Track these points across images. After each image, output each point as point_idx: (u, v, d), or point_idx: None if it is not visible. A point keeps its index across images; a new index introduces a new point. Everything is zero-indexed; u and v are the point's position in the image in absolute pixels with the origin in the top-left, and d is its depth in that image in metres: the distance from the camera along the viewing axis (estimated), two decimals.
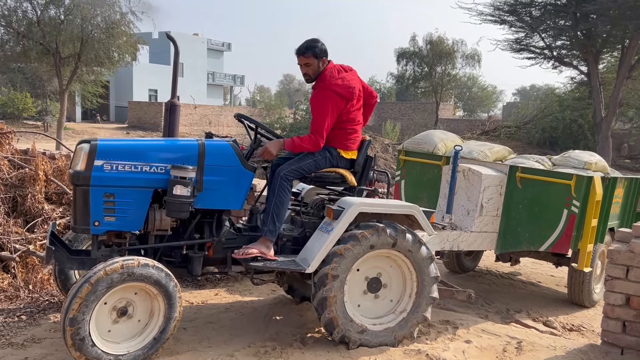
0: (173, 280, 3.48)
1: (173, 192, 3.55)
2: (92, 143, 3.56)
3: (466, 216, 5.41)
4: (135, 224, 3.69)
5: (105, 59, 22.82)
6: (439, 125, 31.51)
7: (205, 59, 55.62)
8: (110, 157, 3.56)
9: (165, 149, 3.81)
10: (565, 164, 5.68)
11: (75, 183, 3.55)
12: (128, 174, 3.59)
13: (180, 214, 3.63)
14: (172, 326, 3.50)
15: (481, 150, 5.96)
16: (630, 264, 3.98)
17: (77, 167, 3.54)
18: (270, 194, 4.06)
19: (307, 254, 3.92)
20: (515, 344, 4.29)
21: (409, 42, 34.08)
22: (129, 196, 3.60)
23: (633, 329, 4.01)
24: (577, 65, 20.74)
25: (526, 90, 72.42)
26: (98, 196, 3.52)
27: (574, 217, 5.04)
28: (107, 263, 3.30)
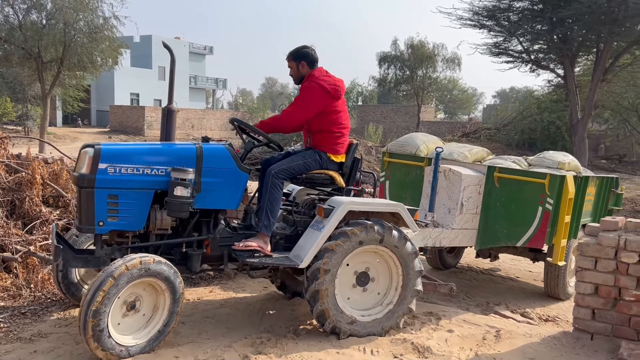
0: (179, 277, 3.71)
1: (174, 193, 3.75)
2: (96, 147, 3.73)
3: (447, 214, 5.68)
4: (137, 223, 3.86)
5: (89, 64, 22.81)
6: (420, 127, 31.93)
7: (187, 62, 55.58)
8: (114, 160, 3.73)
9: (165, 152, 3.98)
10: (540, 164, 5.94)
11: (80, 185, 3.71)
12: (130, 176, 3.77)
13: (180, 213, 3.83)
14: (175, 320, 3.73)
15: (461, 151, 6.23)
16: (598, 255, 4.29)
17: (82, 170, 3.71)
18: (263, 191, 4.28)
19: (300, 251, 4.16)
20: (494, 332, 4.58)
21: (390, 46, 34.54)
22: (131, 197, 3.78)
23: (601, 316, 4.33)
24: (553, 69, 21.26)
25: (506, 93, 73.39)
26: (102, 198, 3.70)
27: (548, 214, 5.32)
28: (126, 259, 3.50)
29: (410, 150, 6.33)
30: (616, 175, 7.28)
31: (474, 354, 4.15)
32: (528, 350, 4.24)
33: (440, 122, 41.53)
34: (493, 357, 4.10)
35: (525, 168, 5.98)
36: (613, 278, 4.25)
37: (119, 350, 3.48)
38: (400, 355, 4.08)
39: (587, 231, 4.56)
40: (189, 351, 3.79)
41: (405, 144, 6.49)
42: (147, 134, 38.53)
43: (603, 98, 21.94)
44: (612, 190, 6.74)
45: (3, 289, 4.63)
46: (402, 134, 28.68)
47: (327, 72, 4.56)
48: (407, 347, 4.20)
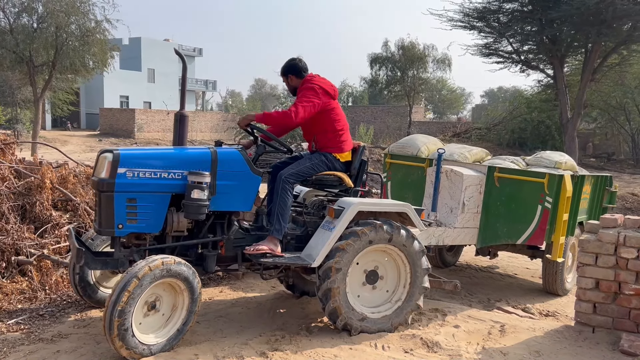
0: (197, 277, 3.84)
1: (191, 195, 3.88)
2: (114, 152, 3.85)
3: (450, 213, 5.83)
4: (155, 226, 3.98)
5: (81, 67, 22.79)
6: (412, 128, 32.15)
7: (177, 64, 55.43)
8: (132, 164, 3.84)
9: (181, 156, 4.10)
10: (538, 164, 6.10)
11: (100, 189, 3.81)
12: (149, 180, 3.89)
13: (197, 215, 3.95)
14: (193, 319, 3.85)
15: (461, 152, 6.38)
16: (598, 251, 4.47)
17: (102, 174, 3.82)
18: (274, 196, 4.40)
19: (312, 250, 4.29)
20: (499, 327, 4.74)
21: (381, 47, 34.75)
22: (149, 200, 3.90)
23: (602, 309, 4.50)
24: (543, 69, 21.56)
25: (494, 92, 73.93)
26: (121, 201, 3.80)
27: (548, 212, 5.48)
28: (149, 260, 3.62)
29: (412, 152, 6.49)
30: (610, 174, 7.43)
31: (481, 348, 4.30)
32: (532, 343, 4.40)
33: (430, 122, 41.82)
34: (500, 350, 4.25)
35: (523, 168, 6.11)
36: (613, 273, 4.42)
37: (142, 348, 3.60)
38: (410, 350, 4.23)
39: (588, 228, 4.73)
40: (208, 349, 3.91)
41: (407, 145, 6.65)
42: (137, 136, 38.43)
43: (592, 97, 22.29)
44: (606, 189, 6.90)
45: (20, 292, 4.72)
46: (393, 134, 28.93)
47: (319, 76, 4.73)
48: (417, 343, 4.35)
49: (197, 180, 3.91)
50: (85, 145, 31.97)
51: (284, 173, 4.40)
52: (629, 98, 23.37)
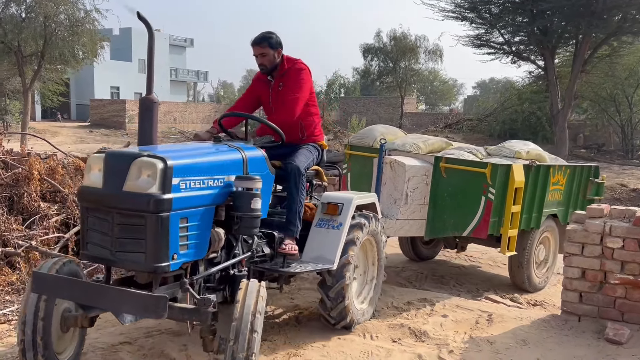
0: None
1: (251, 206, 3.24)
2: (161, 156, 2.94)
3: (393, 205, 5.58)
4: (202, 249, 3.21)
5: (70, 57, 22.61)
6: (404, 119, 32.20)
7: (168, 55, 55.11)
8: (184, 173, 3.03)
9: (218, 157, 3.42)
10: (498, 154, 5.94)
11: (150, 210, 2.86)
12: (198, 190, 3.14)
13: (255, 230, 3.38)
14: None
15: (414, 142, 6.10)
16: (585, 241, 4.51)
17: (151, 188, 2.88)
18: (293, 191, 3.94)
19: (321, 252, 4.04)
20: (487, 316, 4.78)
21: (374, 38, 34.71)
22: (199, 217, 3.14)
23: (588, 299, 4.55)
24: (534, 60, 21.62)
25: (486, 84, 74.08)
26: (176, 223, 2.95)
27: (491, 203, 5.29)
28: (252, 287, 2.97)
29: (368, 142, 6.24)
30: (595, 164, 7.32)
31: (469, 337, 4.34)
32: (519, 332, 4.45)
33: (422, 114, 41.91)
34: (487, 339, 4.29)
35: (482, 157, 5.91)
36: (599, 262, 4.47)
37: None
38: (398, 339, 4.27)
39: (575, 218, 4.77)
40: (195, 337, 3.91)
41: (365, 136, 6.44)
42: (128, 127, 38.22)
43: (582, 89, 22.37)
44: (590, 180, 6.74)
45: (8, 283, 4.70)
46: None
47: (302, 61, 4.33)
48: (405, 332, 4.39)
49: (249, 186, 3.29)
50: (75, 137, 31.80)
51: (298, 165, 3.95)
52: (619, 89, 23.50)
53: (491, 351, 4.08)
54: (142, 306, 2.84)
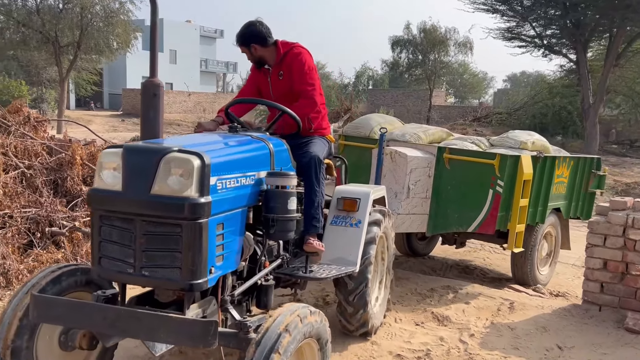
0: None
1: (287, 207, 2.89)
2: (194, 151, 2.47)
3: (394, 199, 5.27)
4: (237, 259, 2.80)
5: (105, 48, 23.22)
6: (432, 112, 32.07)
7: (198, 46, 55.72)
8: (221, 171, 2.59)
9: (247, 151, 2.99)
10: (502, 144, 5.66)
11: (184, 216, 2.40)
12: (234, 190, 2.71)
13: (291, 234, 3.02)
14: None
15: (414, 132, 5.83)
16: (607, 233, 4.61)
17: (188, 191, 2.41)
18: (313, 183, 3.50)
19: (342, 252, 3.70)
20: (508, 304, 4.92)
21: (403, 30, 34.53)
22: (235, 222, 2.72)
23: (609, 289, 4.65)
24: (566, 54, 21.36)
25: (517, 77, 72.97)
26: (213, 230, 2.52)
27: (499, 197, 5.01)
28: (288, 313, 2.51)
29: (364, 132, 5.95)
30: (597, 156, 7.06)
31: (490, 323, 4.49)
32: (540, 320, 4.57)
33: (451, 107, 41.59)
34: (508, 325, 4.43)
35: (485, 148, 5.64)
36: (621, 254, 4.56)
37: None
38: (421, 323, 4.44)
39: (598, 211, 4.86)
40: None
41: (360, 125, 6.13)
42: None
43: (615, 83, 22.01)
44: (592, 172, 6.50)
45: (54, 261, 5.01)
46: (413, 118, 28.91)
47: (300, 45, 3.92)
48: (428, 316, 4.56)
49: (284, 184, 2.93)
50: (108, 125, 32.52)
51: (315, 154, 3.56)
52: None
53: (511, 336, 4.23)
54: (187, 334, 2.36)
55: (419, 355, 3.81)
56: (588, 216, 6.48)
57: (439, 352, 3.88)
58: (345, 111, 20.11)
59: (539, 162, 5.39)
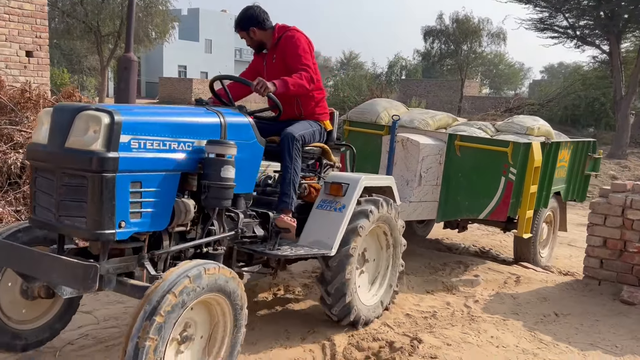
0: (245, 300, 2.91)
1: (220, 174, 2.94)
2: (109, 110, 2.60)
3: (405, 186, 5.30)
4: (163, 220, 2.87)
5: (144, 37, 24.03)
6: (463, 102, 32.08)
7: (233, 35, 56.22)
8: (137, 130, 2.69)
9: (190, 120, 3.05)
10: (508, 130, 5.72)
11: (92, 169, 2.54)
12: (157, 152, 2.79)
13: (225, 202, 3.02)
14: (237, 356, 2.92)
15: (422, 118, 5.83)
16: (607, 213, 4.96)
17: (94, 145, 2.55)
18: (287, 160, 3.60)
19: (320, 235, 3.61)
20: (515, 278, 5.32)
21: (435, 20, 34.53)
22: (158, 183, 2.80)
23: (608, 265, 5.01)
24: (599, 45, 21.19)
25: (554, 68, 71.75)
26: (125, 186, 2.63)
27: (512, 184, 5.09)
28: (186, 268, 2.57)
29: (371, 118, 5.93)
30: (594, 139, 7.16)
31: (495, 293, 4.91)
32: (542, 292, 4.97)
33: (484, 97, 41.33)
34: (511, 295, 4.85)
35: (492, 134, 5.72)
36: (619, 232, 4.92)
37: None
38: (432, 291, 4.90)
39: (601, 193, 5.20)
40: None
41: (365, 111, 6.09)
42: None
43: None
44: (589, 155, 6.61)
45: None
46: (444, 108, 28.99)
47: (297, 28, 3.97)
48: (438, 286, 5.01)
49: (222, 152, 2.98)
50: None
51: (293, 132, 3.62)
52: None
53: (513, 304, 4.64)
54: (70, 275, 2.55)
55: (425, 315, 4.27)
56: (583, 198, 6.74)
57: (444, 313, 4.34)
58: None
59: (547, 148, 5.52)
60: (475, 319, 4.22)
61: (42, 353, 3.24)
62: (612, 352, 3.76)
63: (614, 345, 3.88)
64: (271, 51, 3.91)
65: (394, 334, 3.83)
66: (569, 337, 3.96)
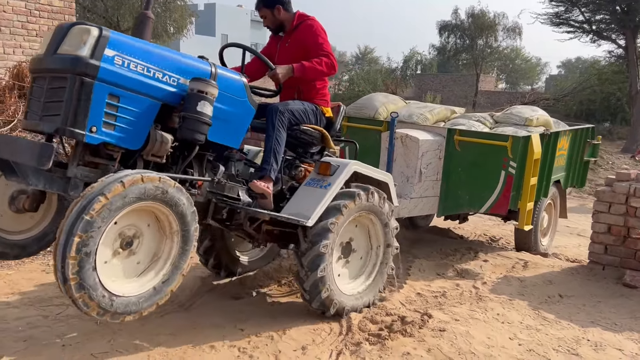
0: (196, 222, 3.00)
1: (196, 108, 3.07)
2: (99, 27, 2.88)
3: (406, 183, 5.32)
4: (136, 140, 3.04)
5: (163, 32, 24.43)
6: (479, 97, 32.12)
7: (249, 30, 56.87)
8: (123, 50, 2.93)
9: (179, 58, 3.24)
10: (506, 121, 5.73)
11: (74, 71, 2.81)
12: (140, 75, 3.00)
13: (198, 135, 3.12)
14: (177, 279, 2.97)
15: (421, 113, 5.80)
16: (612, 201, 5.19)
17: (79, 51, 2.81)
18: (269, 130, 3.70)
19: (300, 208, 3.62)
20: (523, 263, 5.56)
21: (451, 15, 34.63)
22: (136, 104, 3.00)
23: (612, 250, 5.24)
24: (615, 39, 21.19)
25: (571, 63, 71.15)
26: (102, 95, 2.87)
27: (512, 178, 5.12)
28: (127, 173, 2.71)
29: (369, 113, 5.92)
30: (592, 125, 7.18)
31: (503, 276, 5.16)
32: (548, 276, 5.21)
33: (500, 92, 41.26)
34: (518, 278, 5.10)
35: (491, 126, 5.72)
36: (623, 219, 5.14)
37: (101, 296, 2.65)
38: (442, 273, 5.16)
39: (606, 182, 5.42)
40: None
41: (364, 106, 6.07)
42: None
43: None
44: (587, 141, 6.63)
45: None
46: (459, 103, 29.08)
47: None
48: (448, 269, 5.28)
49: (203, 90, 3.11)
50: None
51: (277, 105, 3.74)
52: None
53: (519, 286, 4.89)
54: (29, 152, 2.82)
55: (436, 295, 4.54)
56: (582, 184, 6.85)
57: (453, 293, 4.60)
58: None
59: (546, 139, 5.54)
60: (483, 299, 4.48)
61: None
62: (611, 329, 4.00)
63: (614, 323, 4.12)
64: (287, 36, 4.06)
65: (406, 310, 4.12)
66: (571, 316, 4.21)
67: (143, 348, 3.34)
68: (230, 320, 3.81)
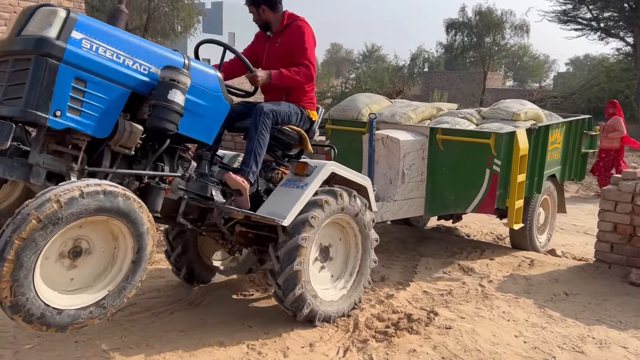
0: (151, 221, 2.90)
1: (167, 96, 2.95)
2: (67, 9, 2.80)
3: (389, 185, 5.21)
4: (102, 128, 2.91)
5: (170, 31, 24.58)
6: (486, 94, 32.06)
7: (256, 30, 56.83)
8: (92, 33, 2.83)
9: (152, 47, 3.17)
10: (493, 117, 5.58)
11: (39, 52, 2.69)
12: (109, 61, 2.89)
13: (168, 124, 2.98)
14: (136, 282, 2.87)
15: (404, 112, 5.61)
16: (618, 200, 5.21)
17: (44, 32, 2.71)
18: (252, 131, 3.62)
19: (276, 207, 3.54)
20: (529, 261, 5.59)
21: (458, 13, 34.62)
22: (104, 90, 2.88)
23: (618, 249, 5.26)
24: (623, 37, 21.12)
25: (580, 60, 70.82)
26: (67, 78, 2.75)
27: (497, 176, 4.99)
28: (85, 181, 2.64)
29: (352, 115, 5.76)
30: (589, 116, 6.97)
31: (509, 274, 5.19)
32: (555, 274, 5.23)
33: (507, 90, 41.15)
34: (524, 276, 5.13)
35: (478, 122, 5.59)
36: (629, 218, 5.16)
37: (41, 310, 2.54)
38: (448, 272, 5.20)
39: (613, 181, 5.43)
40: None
41: (347, 108, 5.90)
42: None
43: None
44: (585, 132, 6.50)
45: None
46: (466, 100, 28.99)
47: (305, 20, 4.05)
48: (455, 267, 5.32)
49: (175, 78, 3.00)
50: None
51: (263, 107, 3.66)
52: None
53: (525, 284, 4.92)
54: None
55: (442, 293, 4.58)
56: (582, 177, 6.75)
57: (460, 291, 4.64)
58: (397, 93, 20.68)
59: (534, 134, 5.37)
60: (489, 297, 4.52)
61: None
62: (616, 327, 4.03)
63: (619, 321, 4.15)
64: (276, 35, 4.02)
65: (412, 308, 4.17)
66: (577, 314, 4.24)
67: (154, 345, 3.42)
68: (239, 318, 3.88)
